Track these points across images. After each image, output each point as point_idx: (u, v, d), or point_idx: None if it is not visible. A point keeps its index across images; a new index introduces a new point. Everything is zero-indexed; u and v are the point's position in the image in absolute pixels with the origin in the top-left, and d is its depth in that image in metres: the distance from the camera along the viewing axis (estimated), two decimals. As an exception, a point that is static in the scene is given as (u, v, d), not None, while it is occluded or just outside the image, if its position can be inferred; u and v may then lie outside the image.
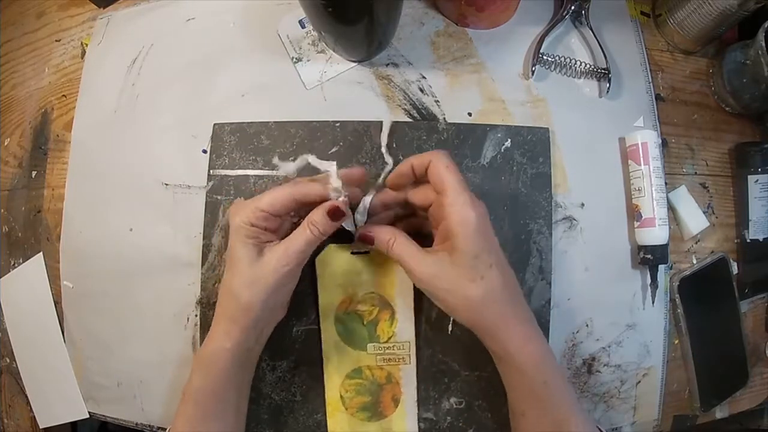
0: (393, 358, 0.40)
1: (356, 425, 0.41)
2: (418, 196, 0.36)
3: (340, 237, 0.36)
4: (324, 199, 0.33)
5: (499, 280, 0.31)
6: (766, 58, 0.41)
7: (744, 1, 0.41)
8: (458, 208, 0.31)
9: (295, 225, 0.35)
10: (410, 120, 0.43)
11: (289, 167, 0.38)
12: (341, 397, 0.40)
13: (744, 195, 0.47)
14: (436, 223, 0.35)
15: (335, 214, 0.32)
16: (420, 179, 0.35)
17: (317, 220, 0.32)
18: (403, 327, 0.40)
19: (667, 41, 0.48)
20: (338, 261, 0.39)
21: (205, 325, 0.42)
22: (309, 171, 0.37)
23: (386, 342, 0.40)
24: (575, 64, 0.45)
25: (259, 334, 0.35)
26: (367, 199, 0.36)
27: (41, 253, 0.47)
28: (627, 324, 0.44)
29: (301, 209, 0.35)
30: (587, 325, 0.43)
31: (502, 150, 0.43)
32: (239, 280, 0.33)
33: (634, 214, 0.43)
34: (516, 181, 0.42)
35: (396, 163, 0.38)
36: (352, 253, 0.39)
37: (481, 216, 0.31)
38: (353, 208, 0.36)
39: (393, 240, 0.33)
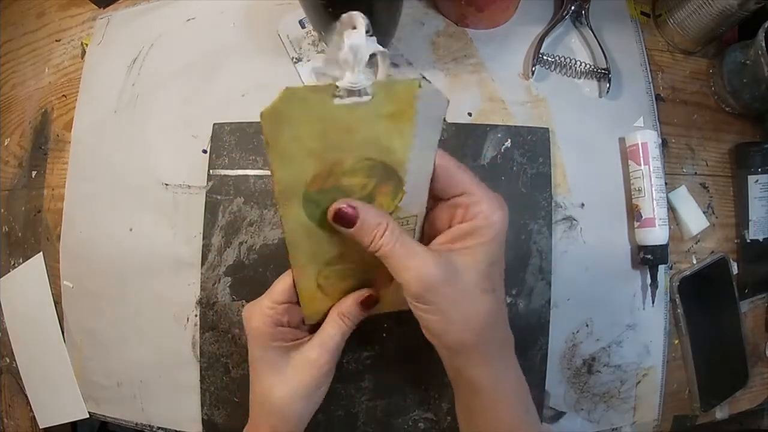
0: None
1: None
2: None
3: None
4: None
5: (503, 295, 0.28)
6: (766, 58, 0.41)
7: (744, 1, 0.41)
8: (487, 205, 0.26)
9: None
10: (410, 120, 0.43)
11: None
12: (319, 285, 0.30)
13: (744, 195, 0.47)
14: (434, 229, 0.29)
15: (367, 304, 0.30)
16: None
17: (348, 312, 0.30)
18: (413, 200, 0.27)
19: (667, 41, 0.48)
20: (309, 113, 0.22)
21: (205, 325, 0.42)
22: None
23: None
24: (575, 64, 0.45)
25: None
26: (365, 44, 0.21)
27: (41, 253, 0.47)
28: (627, 324, 0.44)
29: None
30: (587, 325, 0.43)
31: (502, 150, 0.43)
32: (274, 392, 0.29)
33: (634, 214, 0.43)
34: (516, 181, 0.42)
35: None
36: (336, 98, 0.21)
37: (507, 218, 0.27)
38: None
39: (385, 226, 0.25)
